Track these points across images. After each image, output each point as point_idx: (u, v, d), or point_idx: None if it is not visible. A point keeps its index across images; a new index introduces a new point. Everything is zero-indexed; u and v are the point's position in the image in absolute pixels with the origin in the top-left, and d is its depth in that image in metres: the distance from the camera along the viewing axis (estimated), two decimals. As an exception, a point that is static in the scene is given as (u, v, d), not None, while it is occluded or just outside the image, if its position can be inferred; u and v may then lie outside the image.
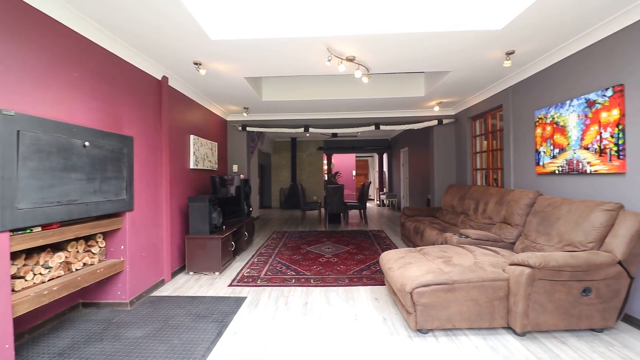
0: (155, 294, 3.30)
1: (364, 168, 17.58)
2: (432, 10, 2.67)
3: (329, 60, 3.28)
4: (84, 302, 2.96)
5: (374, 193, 14.72)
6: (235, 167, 6.47)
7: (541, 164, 3.52)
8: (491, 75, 4.14)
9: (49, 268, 2.30)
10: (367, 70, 3.78)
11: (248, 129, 6.38)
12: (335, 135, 9.98)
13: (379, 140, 11.98)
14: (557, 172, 3.27)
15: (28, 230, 2.06)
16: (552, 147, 3.34)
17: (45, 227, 2.18)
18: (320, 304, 3.00)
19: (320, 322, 2.62)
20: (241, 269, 4.08)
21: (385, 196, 11.61)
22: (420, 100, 5.40)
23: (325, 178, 12.16)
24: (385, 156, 12.97)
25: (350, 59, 3.42)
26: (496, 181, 5.01)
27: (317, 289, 3.39)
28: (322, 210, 10.26)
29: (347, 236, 6.13)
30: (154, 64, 3.48)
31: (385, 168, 12.94)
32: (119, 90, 2.99)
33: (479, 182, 5.41)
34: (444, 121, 6.05)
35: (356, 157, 16.27)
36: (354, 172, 16.12)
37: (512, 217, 3.40)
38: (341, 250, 4.98)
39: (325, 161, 12.66)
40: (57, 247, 2.48)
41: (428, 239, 4.07)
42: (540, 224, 2.96)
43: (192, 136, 4.51)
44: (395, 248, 4.07)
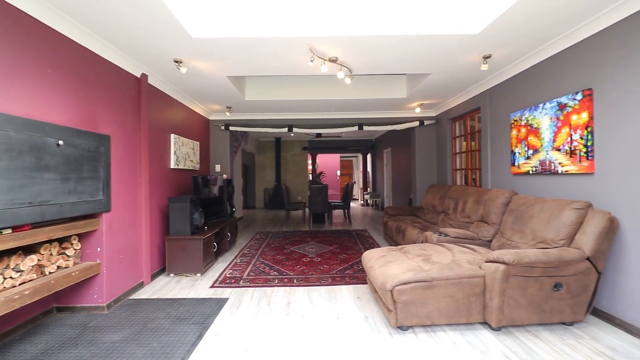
0: (133, 296, 3.22)
1: (349, 168, 17.70)
2: (413, 14, 2.72)
3: (312, 60, 3.29)
4: (58, 306, 2.86)
5: (358, 193, 14.85)
6: (218, 167, 6.38)
7: (516, 164, 3.64)
8: (470, 78, 4.25)
9: (20, 272, 2.21)
10: (350, 71, 3.81)
11: (231, 128, 6.31)
12: (319, 135, 10.01)
13: (363, 140, 12.09)
14: (531, 172, 3.40)
15: (-3, 233, 1.98)
16: (526, 148, 3.47)
17: (15, 229, 2.09)
18: (303, 303, 3.01)
19: (302, 322, 2.63)
20: (223, 270, 4.04)
21: (369, 196, 11.73)
22: (403, 102, 5.50)
23: (310, 178, 12.16)
24: (369, 156, 13.11)
25: (333, 60, 3.44)
26: (475, 181, 5.15)
27: (300, 288, 3.40)
28: (307, 210, 10.26)
29: (331, 236, 6.16)
30: (132, 61, 3.39)
31: (369, 168, 13.09)
32: (95, 88, 2.91)
33: (459, 182, 5.55)
34: (425, 122, 6.18)
35: (340, 157, 16.38)
36: (338, 172, 16.21)
37: (489, 216, 3.51)
38: (325, 250, 5.01)
39: (309, 161, 12.67)
40: (30, 249, 2.38)
41: (410, 238, 4.14)
42: (515, 222, 3.07)
43: (173, 135, 4.43)
44: (378, 247, 4.12)
